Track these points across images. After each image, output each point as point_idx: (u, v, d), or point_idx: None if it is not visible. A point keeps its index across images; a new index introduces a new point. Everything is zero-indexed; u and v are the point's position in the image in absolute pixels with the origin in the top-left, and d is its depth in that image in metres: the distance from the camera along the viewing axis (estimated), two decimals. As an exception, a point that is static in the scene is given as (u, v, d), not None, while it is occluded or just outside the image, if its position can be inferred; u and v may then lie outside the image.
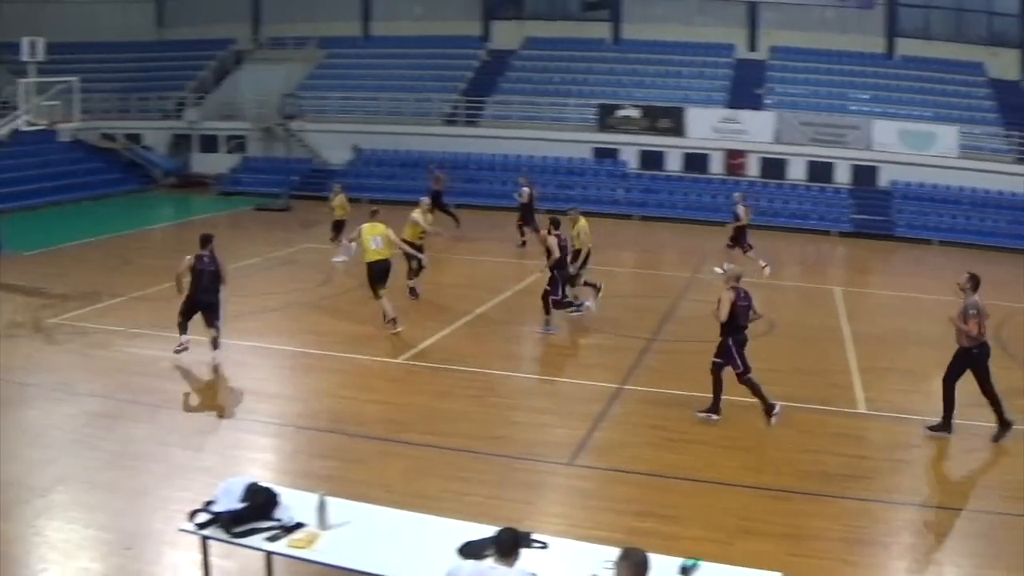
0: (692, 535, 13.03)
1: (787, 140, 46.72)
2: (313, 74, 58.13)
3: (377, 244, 24.40)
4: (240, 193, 49.38)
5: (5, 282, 29.85)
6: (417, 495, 14.16)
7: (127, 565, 12.49)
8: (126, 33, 63.18)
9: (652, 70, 52.79)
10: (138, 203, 40.45)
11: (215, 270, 21.50)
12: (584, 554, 10.33)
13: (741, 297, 17.87)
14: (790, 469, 15.75)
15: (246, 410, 18.71)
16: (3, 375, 20.43)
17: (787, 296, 30.42)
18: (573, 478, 15.67)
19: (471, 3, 58.19)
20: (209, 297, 21.62)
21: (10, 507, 14.08)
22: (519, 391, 20.19)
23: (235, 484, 11.10)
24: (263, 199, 46.82)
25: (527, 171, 43.79)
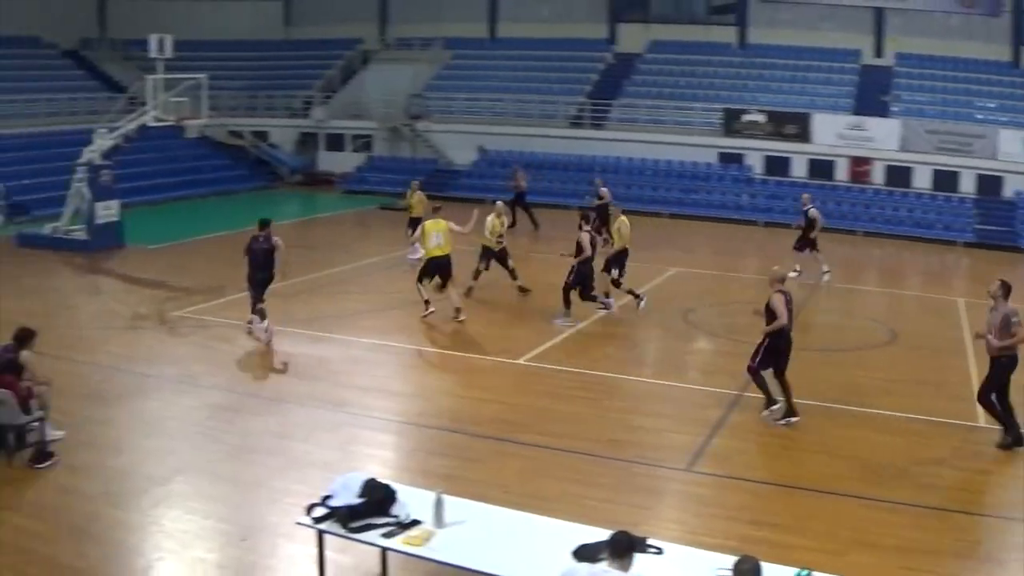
0: (805, 545, 13.04)
1: (912, 148, 46.04)
2: (439, 74, 58.56)
3: (438, 240, 25.36)
4: (365, 192, 49.91)
5: (129, 275, 30.56)
6: (533, 496, 14.30)
7: (242, 557, 12.77)
8: (254, 32, 64.19)
9: (778, 75, 52.35)
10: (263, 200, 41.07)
11: (268, 248, 22.96)
12: (698, 560, 10.41)
13: (788, 300, 18.13)
14: (906, 481, 15.61)
15: (365, 407, 18.95)
16: (126, 366, 21.05)
17: (909, 306, 30.17)
18: (689, 484, 15.69)
19: (598, 5, 58.18)
20: (260, 274, 23.13)
21: (129, 496, 14.49)
22: (638, 395, 20.23)
23: (353, 479, 11.35)
24: (388, 198, 47.30)
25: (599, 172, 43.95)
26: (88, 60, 59.30)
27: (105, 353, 21.97)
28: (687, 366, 22.49)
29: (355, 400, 19.29)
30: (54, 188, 40.64)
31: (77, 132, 45.15)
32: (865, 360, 22.96)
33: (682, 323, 25.78)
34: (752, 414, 18.77)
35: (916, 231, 42.77)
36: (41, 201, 41.24)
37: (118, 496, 14.41)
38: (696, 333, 24.69)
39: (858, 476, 15.74)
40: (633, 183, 49.22)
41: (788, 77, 52.02)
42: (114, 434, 17.16)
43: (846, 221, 43.58)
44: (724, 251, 38.52)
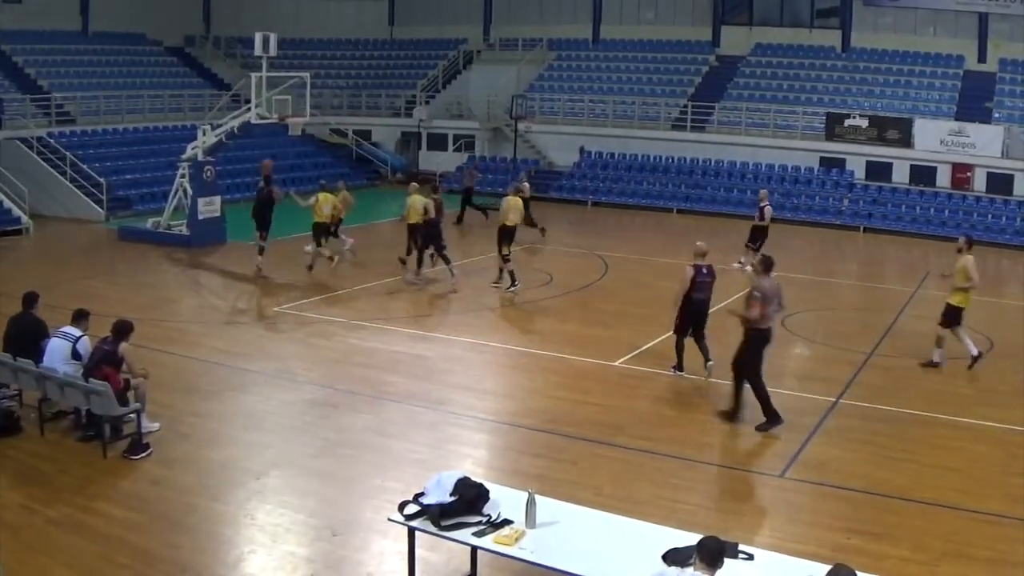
0: (898, 555, 12.88)
1: (1015, 155, 45.26)
2: (542, 75, 58.56)
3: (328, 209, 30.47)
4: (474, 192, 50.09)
5: (229, 270, 30.90)
6: (626, 499, 14.27)
7: (333, 551, 12.82)
8: (358, 31, 64.77)
9: (880, 80, 51.71)
10: (365, 198, 41.23)
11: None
12: (790, 568, 10.34)
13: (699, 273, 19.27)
14: (1001, 492, 15.33)
15: (462, 405, 18.96)
16: (225, 360, 21.30)
17: (1010, 316, 29.69)
18: (783, 491, 15.55)
19: (702, 8, 57.90)
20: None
21: (225, 489, 14.68)
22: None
23: (446, 477, 11.33)
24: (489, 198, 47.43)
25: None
26: (192, 57, 60.12)
27: (204, 347, 22.25)
28: (783, 371, 22.25)
29: (451, 398, 19.33)
30: (157, 183, 41.57)
31: (180, 128, 46.17)
32: (962, 369, 22.61)
33: (779, 328, 25.57)
34: (847, 421, 18.61)
35: (1017, 239, 41.96)
36: (144, 196, 42.06)
37: (213, 488, 14.58)
38: (793, 338, 24.45)
39: (952, 486, 15.51)
40: (734, 186, 49.02)
41: (891, 82, 51.37)
42: (211, 427, 17.36)
43: (947, 228, 42.98)
44: (823, 256, 38.18)
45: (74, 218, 40.29)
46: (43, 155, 41.79)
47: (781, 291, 18.04)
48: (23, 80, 47.82)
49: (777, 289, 17.83)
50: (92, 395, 15.44)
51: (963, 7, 51.21)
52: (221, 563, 12.45)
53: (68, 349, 16.26)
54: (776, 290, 17.77)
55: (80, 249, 34.96)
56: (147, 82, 52.36)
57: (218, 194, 35.80)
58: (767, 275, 17.84)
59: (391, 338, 23.42)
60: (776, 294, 17.75)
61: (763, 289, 17.49)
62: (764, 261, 18.10)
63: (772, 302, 17.58)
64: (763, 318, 17.53)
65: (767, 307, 17.48)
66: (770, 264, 18.03)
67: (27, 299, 17.56)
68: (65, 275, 29.35)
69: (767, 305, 17.47)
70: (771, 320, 17.77)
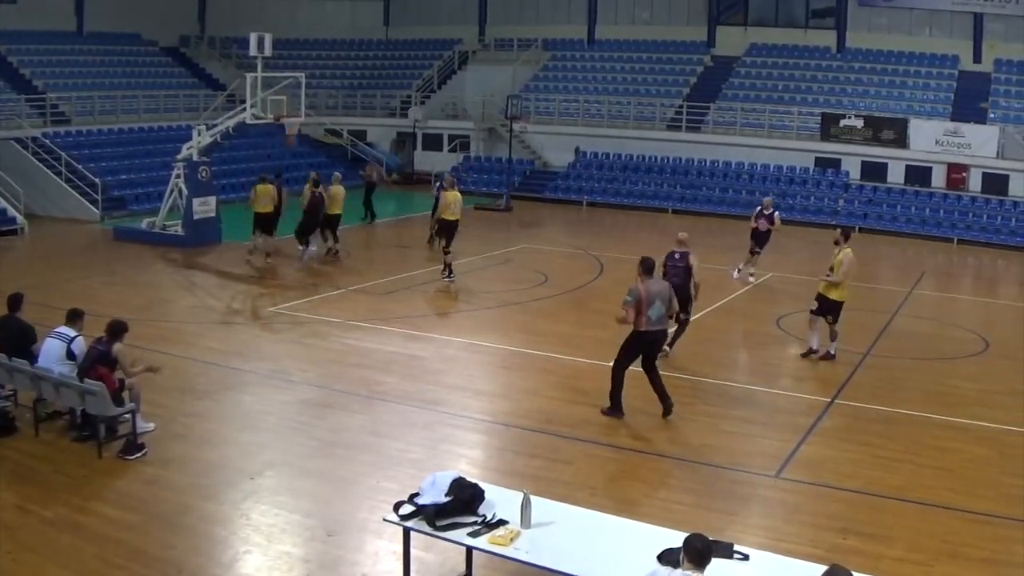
0: (894, 555, 12.89)
1: (1010, 155, 45.39)
2: (537, 76, 58.66)
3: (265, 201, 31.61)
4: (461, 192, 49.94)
5: (224, 270, 30.93)
6: (621, 499, 14.34)
7: (328, 551, 12.82)
8: (353, 31, 64.95)
9: (876, 80, 51.82)
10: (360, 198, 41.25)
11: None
12: (785, 569, 10.36)
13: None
14: (996, 493, 15.35)
15: (457, 405, 18.96)
16: (221, 361, 21.30)
17: (1004, 316, 29.75)
18: (778, 491, 15.55)
19: (697, 8, 57.99)
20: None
21: (220, 489, 14.65)
22: (728, 400, 20.05)
23: (441, 478, 11.32)
24: (484, 198, 47.44)
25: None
26: (187, 57, 60.09)
27: (199, 347, 22.25)
28: (778, 372, 22.31)
29: (447, 399, 19.32)
30: (152, 184, 41.59)
31: (176, 128, 46.21)
32: (958, 369, 22.68)
33: (775, 328, 25.62)
34: (843, 421, 18.63)
35: (1012, 240, 42.08)
36: (139, 196, 42.08)
37: (208, 489, 14.57)
38: (788, 339, 24.48)
39: (948, 487, 15.54)
40: (729, 186, 49.16)
41: (886, 82, 51.47)
42: (206, 427, 17.35)
43: (942, 228, 43.22)
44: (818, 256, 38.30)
45: (69, 218, 40.27)
46: (38, 155, 41.80)
47: (669, 294, 18.12)
48: (18, 80, 47.79)
49: (661, 292, 17.89)
50: (87, 395, 15.43)
51: (958, 7, 51.31)
52: (216, 563, 12.43)
53: (63, 349, 16.25)
54: (659, 293, 17.81)
55: (75, 249, 34.92)
56: (142, 82, 52.38)
57: (213, 194, 35.79)
58: (648, 277, 17.87)
59: (386, 338, 23.43)
60: (659, 297, 17.77)
61: (636, 293, 17.57)
62: (643, 263, 18.04)
63: (651, 305, 17.60)
64: (638, 321, 17.71)
65: (642, 311, 17.57)
66: (651, 266, 18.03)
67: (11, 301, 17.41)
68: (60, 275, 29.37)
69: (642, 309, 17.56)
70: (652, 324, 17.80)
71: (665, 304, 17.87)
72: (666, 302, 17.90)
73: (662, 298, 17.78)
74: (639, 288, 17.57)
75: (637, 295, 17.47)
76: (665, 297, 17.87)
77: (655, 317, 17.71)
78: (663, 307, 17.84)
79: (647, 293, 17.53)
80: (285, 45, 55.49)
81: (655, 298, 17.60)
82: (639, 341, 17.92)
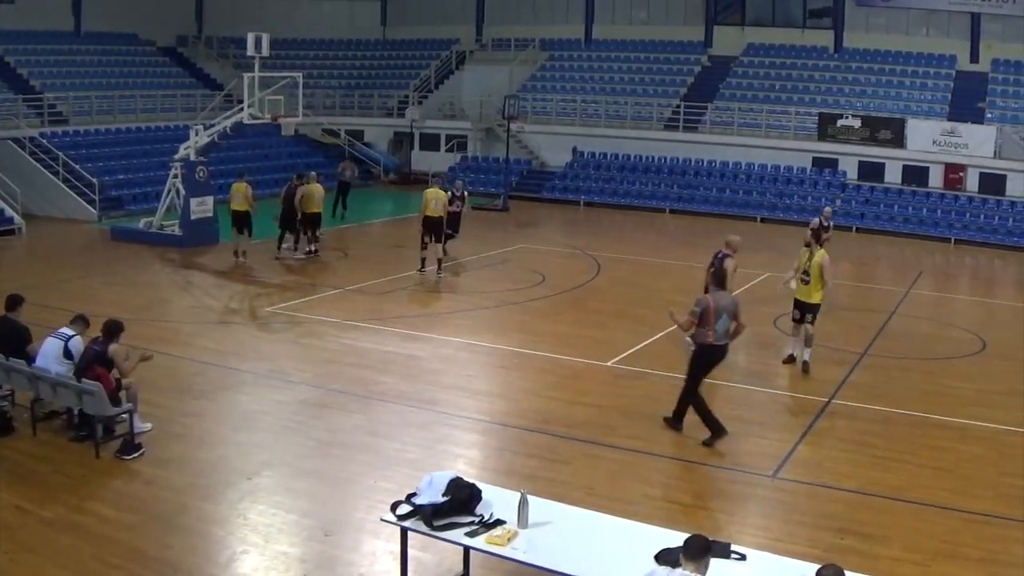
0: (892, 555, 12.91)
1: (1007, 155, 45.41)
2: (534, 76, 58.61)
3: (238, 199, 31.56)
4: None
5: (222, 270, 30.93)
6: (619, 499, 14.30)
7: (325, 551, 12.83)
8: (351, 31, 64.83)
9: (873, 80, 51.78)
10: (358, 198, 41.30)
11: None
12: (782, 568, 10.35)
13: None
14: (994, 493, 15.38)
15: (454, 405, 18.96)
16: (218, 361, 21.31)
17: (1001, 316, 29.78)
18: (775, 491, 15.56)
19: (694, 8, 57.93)
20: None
21: (216, 489, 14.66)
22: (726, 400, 19.97)
23: (439, 478, 11.32)
24: (481, 198, 47.42)
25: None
26: (185, 57, 59.94)
27: (196, 347, 22.24)
28: (776, 372, 22.30)
29: (444, 399, 19.32)
30: (149, 184, 41.61)
31: (173, 128, 46.22)
32: (955, 369, 22.70)
33: (772, 328, 25.62)
34: (840, 421, 18.64)
35: (1010, 239, 42.05)
36: (136, 196, 42.07)
37: (205, 489, 14.58)
38: (785, 339, 24.45)
39: (946, 487, 15.55)
40: (727, 186, 49.14)
41: (883, 82, 51.43)
42: (203, 427, 17.36)
43: (939, 228, 43.21)
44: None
45: (67, 218, 40.25)
46: (35, 155, 41.75)
47: (736, 308, 17.35)
48: (15, 80, 47.71)
49: (728, 306, 17.20)
50: (84, 395, 15.43)
51: (955, 7, 51.28)
52: (213, 563, 12.44)
53: (61, 348, 16.25)
54: (726, 307, 17.13)
55: (73, 249, 34.89)
56: (140, 82, 52.29)
57: (210, 194, 35.75)
58: (717, 289, 17.52)
59: (384, 338, 23.44)
60: (726, 310, 17.08)
61: (703, 304, 17.06)
62: (714, 275, 17.87)
63: (719, 318, 16.91)
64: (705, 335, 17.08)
65: (710, 324, 16.92)
66: (721, 278, 17.82)
67: (9, 302, 17.38)
68: (58, 275, 29.35)
69: (709, 322, 16.91)
70: (719, 338, 17.09)
71: (731, 318, 17.17)
72: (732, 316, 17.20)
73: (729, 312, 17.12)
74: (707, 299, 17.14)
75: (704, 306, 16.96)
76: (732, 311, 17.19)
77: (722, 331, 17.10)
78: (729, 321, 17.16)
79: (715, 306, 16.96)
80: (283, 45, 55.46)
81: (722, 311, 16.99)
82: (706, 355, 17.32)
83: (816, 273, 21.26)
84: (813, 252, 21.51)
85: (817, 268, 21.25)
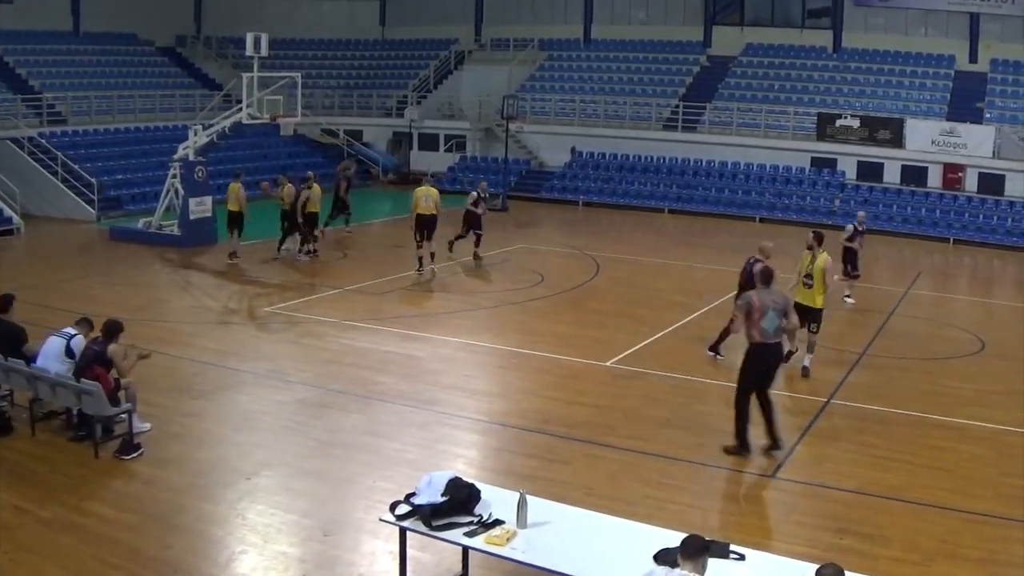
0: (891, 555, 12.92)
1: (1006, 155, 45.45)
2: (533, 76, 58.62)
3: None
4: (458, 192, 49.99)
5: (221, 270, 30.93)
6: (618, 499, 14.30)
7: (324, 551, 12.83)
8: (349, 31, 64.89)
9: (872, 80, 51.80)
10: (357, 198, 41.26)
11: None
12: (781, 568, 10.35)
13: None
14: (993, 493, 15.39)
15: (453, 405, 18.95)
16: (217, 361, 21.29)
17: (1000, 316, 29.79)
18: (775, 491, 15.59)
19: (693, 8, 57.92)
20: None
21: (215, 489, 14.67)
22: (726, 400, 19.83)
23: (438, 478, 11.33)
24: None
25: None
26: (184, 57, 59.95)
27: (195, 347, 22.23)
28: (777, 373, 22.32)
29: (443, 399, 19.31)
30: (148, 184, 41.62)
31: (172, 128, 46.24)
32: (954, 369, 22.71)
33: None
34: (839, 421, 18.65)
35: (1009, 239, 42.06)
36: (135, 196, 42.07)
37: (204, 489, 14.59)
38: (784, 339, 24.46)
39: (945, 487, 15.54)
40: (725, 186, 49.13)
41: (882, 82, 51.44)
42: (203, 427, 17.36)
43: (938, 228, 43.23)
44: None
45: (65, 218, 40.24)
46: (34, 155, 41.75)
47: (786, 305, 16.89)
48: (14, 80, 47.71)
49: (776, 303, 16.60)
50: (83, 395, 15.42)
51: (954, 7, 51.29)
52: (212, 563, 12.44)
53: (62, 346, 16.27)
54: (773, 304, 16.52)
55: (72, 249, 34.90)
56: (138, 82, 52.28)
57: (209, 194, 35.75)
58: (765, 287, 16.78)
59: (383, 338, 23.44)
60: (772, 307, 16.46)
61: (748, 300, 16.75)
62: (762, 272, 17.12)
63: (765, 315, 16.32)
64: (751, 334, 16.57)
65: (755, 321, 16.38)
66: (768, 276, 16.88)
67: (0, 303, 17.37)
68: (57, 275, 29.36)
69: (754, 319, 16.39)
70: (766, 336, 16.45)
71: (780, 315, 16.53)
72: (781, 313, 16.58)
73: (776, 309, 16.47)
74: (752, 296, 16.75)
75: (748, 302, 16.60)
76: (780, 308, 16.58)
77: (770, 329, 16.40)
78: (778, 319, 16.50)
79: (759, 302, 16.41)
80: (281, 45, 55.46)
81: (768, 308, 16.33)
82: (753, 355, 16.71)
83: (819, 277, 21.14)
84: (815, 255, 21.31)
85: (820, 272, 21.14)
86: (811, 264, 21.21)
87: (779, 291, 17.11)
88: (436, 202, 30.61)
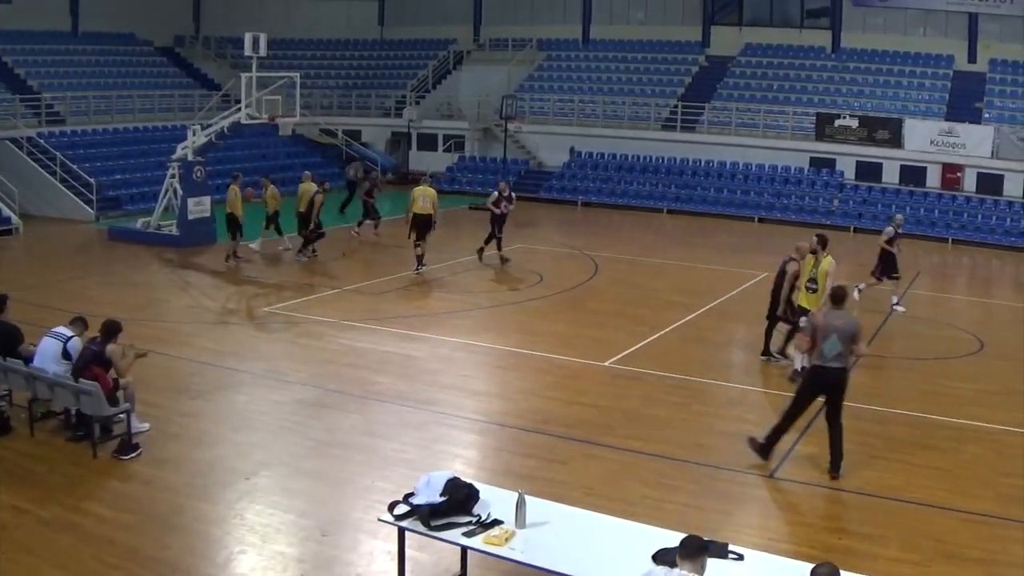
0: (889, 555, 12.92)
1: (1005, 155, 45.40)
2: (532, 76, 58.59)
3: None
4: (456, 192, 50.02)
5: (219, 271, 30.92)
6: (616, 499, 14.29)
7: (323, 551, 12.83)
8: (348, 31, 64.83)
9: (871, 80, 51.80)
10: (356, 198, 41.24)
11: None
12: (780, 568, 10.36)
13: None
14: (992, 493, 15.38)
15: (452, 406, 18.95)
16: (215, 361, 21.30)
17: (999, 316, 29.78)
18: (773, 491, 15.60)
19: (692, 8, 57.89)
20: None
21: (213, 489, 14.67)
22: (724, 400, 20.04)
23: (436, 478, 11.34)
24: (479, 198, 47.36)
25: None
26: (182, 57, 59.98)
27: (194, 347, 22.22)
28: (773, 372, 22.27)
29: (441, 399, 19.31)
30: (147, 184, 41.63)
31: (170, 128, 46.23)
32: (953, 369, 22.70)
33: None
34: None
35: (1007, 239, 42.05)
36: (134, 196, 42.06)
37: (202, 489, 14.59)
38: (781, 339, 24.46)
39: (944, 487, 15.54)
40: (724, 187, 49.10)
41: (881, 82, 51.43)
42: (201, 427, 17.35)
43: (936, 228, 43.19)
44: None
45: (64, 218, 40.21)
46: (33, 155, 41.72)
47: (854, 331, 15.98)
48: (13, 80, 47.71)
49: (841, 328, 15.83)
50: (82, 395, 15.42)
51: (953, 7, 51.30)
52: (211, 563, 12.44)
53: (59, 349, 16.24)
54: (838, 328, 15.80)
55: (70, 249, 34.92)
56: (137, 82, 52.29)
57: (208, 194, 35.73)
58: (835, 308, 16.22)
59: (381, 338, 23.43)
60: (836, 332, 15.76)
61: (811, 322, 16.57)
62: (833, 292, 16.56)
63: (827, 339, 15.77)
64: (812, 355, 16.32)
65: (816, 343, 15.95)
66: (840, 297, 16.34)
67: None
68: (55, 275, 29.36)
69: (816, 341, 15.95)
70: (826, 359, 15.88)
71: (844, 341, 15.77)
72: (846, 339, 15.79)
73: (840, 334, 15.74)
74: (815, 317, 16.54)
75: (812, 325, 16.33)
76: (845, 334, 15.78)
77: (830, 353, 15.80)
78: (840, 344, 15.76)
79: (824, 325, 15.94)
80: (280, 45, 55.46)
81: (831, 332, 15.73)
82: (812, 377, 16.43)
83: (824, 281, 20.92)
84: (819, 259, 21.09)
85: (824, 275, 20.81)
86: (815, 268, 20.97)
87: (848, 314, 16.52)
88: (434, 202, 30.64)
